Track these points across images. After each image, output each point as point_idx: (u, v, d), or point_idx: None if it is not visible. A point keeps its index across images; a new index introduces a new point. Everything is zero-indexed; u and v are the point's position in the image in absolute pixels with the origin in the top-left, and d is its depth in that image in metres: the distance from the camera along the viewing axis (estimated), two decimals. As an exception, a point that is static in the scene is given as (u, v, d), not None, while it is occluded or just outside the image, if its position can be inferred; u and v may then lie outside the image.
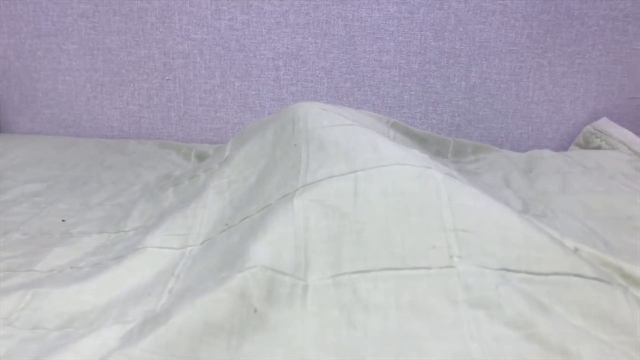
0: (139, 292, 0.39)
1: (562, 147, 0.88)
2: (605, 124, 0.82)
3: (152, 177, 0.64)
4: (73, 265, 0.43)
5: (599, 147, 0.81)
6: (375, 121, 0.60)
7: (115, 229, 0.49)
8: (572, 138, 0.88)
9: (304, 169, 0.43)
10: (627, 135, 0.77)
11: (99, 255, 0.44)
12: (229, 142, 0.58)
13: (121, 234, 0.48)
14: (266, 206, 0.42)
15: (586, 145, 0.83)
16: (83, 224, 0.50)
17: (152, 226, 0.47)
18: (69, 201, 0.56)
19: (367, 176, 0.40)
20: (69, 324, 0.36)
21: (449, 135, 0.87)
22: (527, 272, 0.35)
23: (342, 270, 0.36)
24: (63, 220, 0.51)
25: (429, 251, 0.36)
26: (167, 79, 0.87)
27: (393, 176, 0.39)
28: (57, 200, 0.56)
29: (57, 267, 0.42)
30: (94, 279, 0.39)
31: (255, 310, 0.33)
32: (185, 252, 0.43)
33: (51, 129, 0.90)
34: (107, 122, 0.89)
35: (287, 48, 0.84)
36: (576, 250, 0.40)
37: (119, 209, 0.54)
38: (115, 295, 0.38)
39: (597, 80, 0.86)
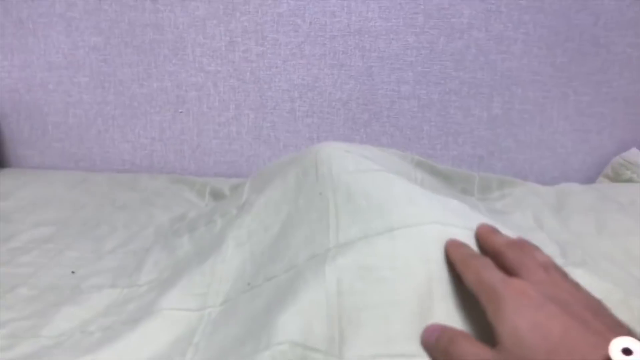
0: None
1: (589, 179, 0.85)
2: (636, 155, 0.79)
3: (165, 218, 0.62)
4: (83, 330, 0.40)
5: (630, 180, 0.77)
6: (400, 161, 0.57)
7: (128, 282, 0.46)
8: (600, 169, 0.84)
9: (334, 224, 0.39)
10: (660, 167, 0.73)
11: (110, 316, 0.41)
12: (247, 184, 0.55)
13: (134, 289, 0.45)
14: (293, 267, 0.38)
15: (615, 177, 0.80)
16: (94, 276, 0.47)
17: (168, 283, 0.44)
18: (79, 247, 0.53)
19: (406, 236, 0.36)
20: None
21: (471, 168, 0.84)
22: None
23: (382, 351, 0.31)
24: (73, 272, 0.48)
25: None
26: (180, 112, 0.84)
27: (435, 238, 0.36)
28: (68, 246, 0.54)
29: (66, 332, 0.39)
30: (105, 349, 0.36)
31: None
32: (204, 316, 0.39)
33: (61, 163, 0.88)
34: (119, 156, 0.87)
35: (303, 79, 0.82)
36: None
37: (131, 257, 0.51)
38: None
39: (624, 109, 0.82)
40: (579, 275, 0.37)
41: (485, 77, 0.81)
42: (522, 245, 0.35)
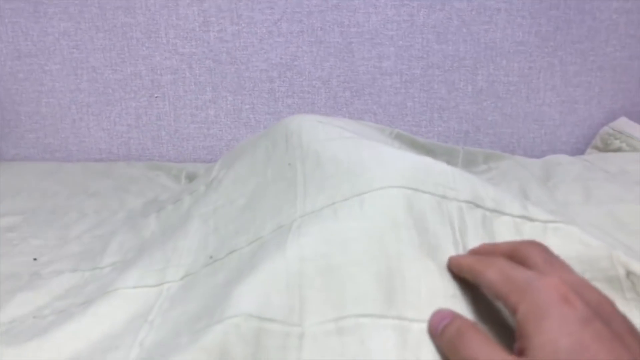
0: (106, 344, 0.33)
1: (578, 151, 0.83)
2: (624, 124, 0.77)
3: (138, 203, 0.59)
4: (37, 314, 0.37)
5: (619, 149, 0.75)
6: (377, 133, 0.54)
7: (91, 265, 0.44)
8: (589, 140, 0.82)
9: (301, 193, 0.37)
10: (649, 135, 0.71)
11: (67, 299, 0.39)
12: (218, 162, 0.53)
13: (96, 272, 0.43)
14: (257, 239, 0.36)
15: (605, 147, 0.78)
16: (56, 262, 0.45)
17: (129, 263, 0.41)
18: (44, 236, 0.51)
19: (375, 200, 0.34)
20: None
21: (457, 144, 0.81)
22: None
23: (347, 312, 0.29)
24: (35, 259, 0.46)
25: (448, 300, 0.30)
26: (156, 97, 0.82)
27: (405, 204, 0.33)
28: (32, 235, 0.51)
29: (19, 317, 0.37)
30: (56, 332, 0.34)
31: None
32: (162, 291, 0.37)
33: (36, 154, 0.85)
34: (95, 145, 0.84)
35: (281, 58, 0.79)
36: (628, 275, 0.34)
37: (97, 241, 0.49)
38: (79, 349, 0.32)
39: (612, 77, 0.80)
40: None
41: (468, 49, 0.79)
42: (532, 241, 0.31)
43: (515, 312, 0.26)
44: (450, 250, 0.33)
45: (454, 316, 0.28)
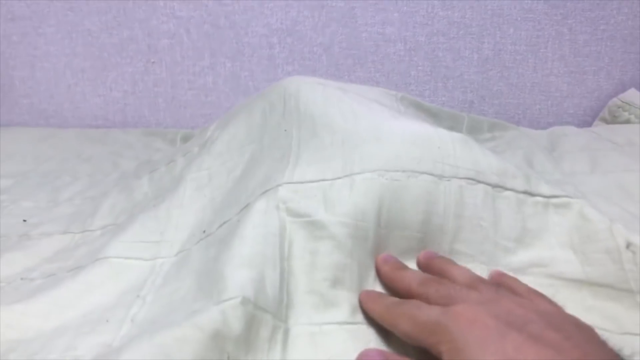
0: (95, 316, 0.31)
1: (586, 123, 0.81)
2: (634, 95, 0.75)
3: (132, 166, 0.58)
4: (24, 276, 0.36)
5: (627, 121, 0.73)
6: (381, 96, 0.52)
7: (81, 227, 0.43)
8: (597, 113, 0.80)
9: (293, 162, 0.36)
10: (659, 106, 0.69)
11: (57, 262, 0.38)
12: (214, 123, 0.51)
13: (87, 234, 0.42)
14: (246, 206, 0.35)
15: (613, 119, 0.76)
16: (46, 223, 0.44)
17: (120, 227, 0.40)
18: (35, 198, 0.50)
19: (365, 184, 0.33)
20: (5, 356, 0.29)
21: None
22: None
23: (330, 319, 0.30)
24: (24, 221, 0.45)
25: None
26: (153, 62, 0.80)
27: (397, 193, 0.33)
28: (23, 197, 0.50)
29: (5, 278, 0.36)
30: (43, 297, 0.33)
31: (228, 357, 0.26)
32: (155, 266, 0.36)
33: (31, 120, 0.83)
34: (90, 111, 0.83)
35: (282, 23, 0.77)
36: (629, 245, 0.33)
37: (89, 203, 0.47)
38: (67, 318, 0.31)
39: (623, 47, 0.78)
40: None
41: (474, 16, 0.76)
42: (436, 273, 0.32)
43: (440, 355, 0.26)
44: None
45: (384, 355, 0.28)
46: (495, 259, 0.34)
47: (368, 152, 0.35)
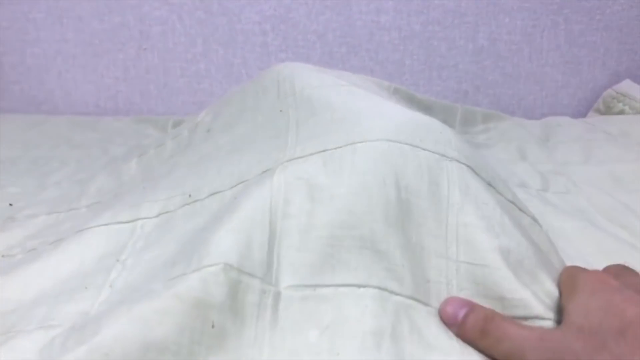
0: (74, 283, 0.31)
1: (580, 114, 0.81)
2: (628, 87, 0.75)
3: (122, 151, 0.57)
4: (6, 253, 0.35)
5: (621, 112, 0.73)
6: (375, 86, 0.52)
7: (67, 207, 0.42)
8: (591, 103, 0.80)
9: (292, 140, 0.35)
10: (654, 98, 0.69)
11: (40, 238, 0.37)
12: (205, 109, 0.50)
13: (72, 212, 0.41)
14: (241, 182, 0.34)
15: (607, 110, 0.76)
16: (33, 206, 0.43)
17: (105, 204, 0.39)
18: (23, 183, 0.49)
19: (368, 151, 0.31)
20: None
21: (456, 103, 0.79)
22: None
23: (326, 281, 0.28)
24: (10, 205, 0.44)
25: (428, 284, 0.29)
26: (144, 49, 0.79)
27: (400, 160, 0.31)
28: (10, 183, 0.49)
29: (-13, 258, 0.36)
30: (22, 270, 0.32)
31: (213, 326, 0.25)
32: (135, 228, 0.35)
33: (21, 107, 0.82)
34: (81, 98, 0.82)
35: (275, 10, 0.76)
36: None
37: (76, 185, 0.47)
38: (46, 288, 0.31)
39: (618, 38, 0.77)
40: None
41: (470, 5, 0.76)
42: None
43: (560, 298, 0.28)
44: (441, 218, 0.31)
45: (473, 304, 0.28)
46: None
47: (370, 125, 0.34)
